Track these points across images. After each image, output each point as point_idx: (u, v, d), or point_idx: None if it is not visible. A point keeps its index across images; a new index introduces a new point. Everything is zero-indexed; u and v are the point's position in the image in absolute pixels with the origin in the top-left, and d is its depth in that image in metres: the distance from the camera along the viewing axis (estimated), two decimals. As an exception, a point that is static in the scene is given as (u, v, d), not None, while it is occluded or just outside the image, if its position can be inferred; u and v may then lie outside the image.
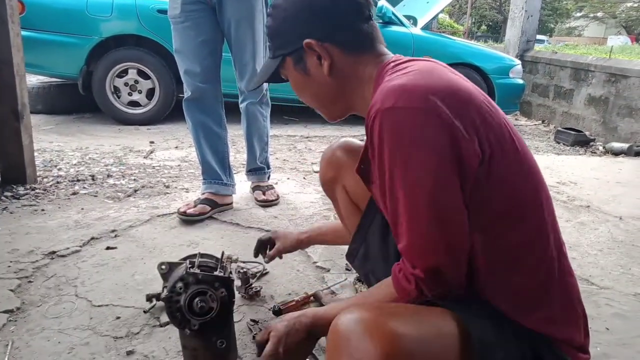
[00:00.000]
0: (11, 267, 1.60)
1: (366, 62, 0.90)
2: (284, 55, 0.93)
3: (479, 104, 0.77)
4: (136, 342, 1.27)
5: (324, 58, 0.88)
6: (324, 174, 1.27)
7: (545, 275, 0.80)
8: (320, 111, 1.01)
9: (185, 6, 1.98)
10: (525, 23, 6.24)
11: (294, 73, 0.94)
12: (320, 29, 0.88)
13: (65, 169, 2.74)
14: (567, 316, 0.82)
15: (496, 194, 0.77)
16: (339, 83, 0.91)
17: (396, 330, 0.66)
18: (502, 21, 26.41)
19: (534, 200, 0.81)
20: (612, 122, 4.65)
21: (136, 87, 4.10)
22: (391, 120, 0.73)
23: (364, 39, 0.90)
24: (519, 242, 0.79)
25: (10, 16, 2.22)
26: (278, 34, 0.93)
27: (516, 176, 0.79)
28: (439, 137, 0.71)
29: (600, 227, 2.33)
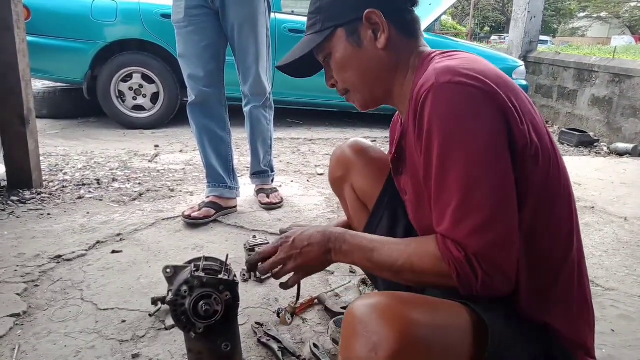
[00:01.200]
0: (18, 271, 1.62)
1: (412, 49, 0.90)
2: (336, 26, 0.89)
3: (525, 97, 0.78)
4: (142, 345, 1.28)
5: (382, 31, 0.86)
6: (333, 172, 1.27)
7: (569, 275, 0.80)
8: (359, 93, 0.95)
9: (189, 11, 1.99)
10: (528, 24, 6.23)
11: (345, 45, 0.89)
12: (382, 2, 0.87)
13: (71, 173, 2.76)
14: (583, 319, 0.82)
15: (537, 187, 0.76)
16: (390, 60, 0.89)
17: (412, 317, 0.66)
18: (505, 22, 26.38)
19: (566, 196, 0.80)
20: (617, 122, 4.63)
21: (141, 92, 4.12)
22: (448, 94, 0.71)
23: (415, 26, 0.91)
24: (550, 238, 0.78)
25: (16, 22, 2.24)
26: (333, 5, 0.89)
27: (554, 172, 0.78)
28: (496, 116, 0.71)
29: (605, 228, 2.33)
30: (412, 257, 0.79)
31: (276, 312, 1.43)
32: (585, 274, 0.84)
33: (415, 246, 0.80)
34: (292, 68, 0.98)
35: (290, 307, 1.42)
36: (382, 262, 0.83)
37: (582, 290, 0.83)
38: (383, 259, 0.82)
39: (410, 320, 0.66)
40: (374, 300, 0.69)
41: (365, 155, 1.19)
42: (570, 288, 0.80)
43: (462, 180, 0.71)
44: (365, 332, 0.65)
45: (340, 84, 0.95)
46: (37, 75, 4.00)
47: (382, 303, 0.68)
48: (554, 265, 0.79)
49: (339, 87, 0.96)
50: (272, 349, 1.26)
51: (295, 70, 0.99)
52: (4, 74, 2.28)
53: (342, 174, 1.24)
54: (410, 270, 0.79)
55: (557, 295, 0.80)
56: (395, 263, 0.81)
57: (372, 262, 0.84)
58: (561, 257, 0.79)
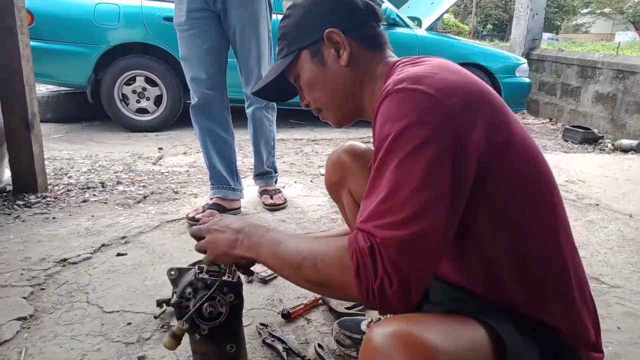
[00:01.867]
0: (24, 274, 1.63)
1: (378, 60, 0.92)
2: (300, 48, 0.92)
3: (490, 101, 0.76)
4: (147, 347, 1.28)
5: (343, 48, 0.89)
6: (330, 177, 1.27)
7: (562, 273, 0.80)
8: (330, 111, 0.98)
9: (191, 14, 2.00)
10: (530, 21, 6.21)
11: (310, 66, 0.92)
12: (341, 21, 0.90)
13: (76, 177, 2.78)
14: (582, 315, 0.82)
15: (504, 193, 0.75)
16: (355, 75, 0.91)
17: (434, 345, 0.63)
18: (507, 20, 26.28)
19: (544, 195, 0.80)
20: (621, 119, 4.61)
21: (144, 95, 4.14)
22: (400, 97, 0.71)
23: (379, 39, 0.93)
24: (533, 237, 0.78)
25: (20, 27, 2.25)
26: (295, 30, 0.93)
27: (524, 174, 0.77)
28: (442, 122, 0.69)
29: (609, 225, 2.32)
30: (320, 249, 0.75)
31: (280, 313, 1.43)
32: (580, 268, 0.84)
33: (327, 240, 0.76)
34: (269, 93, 1.04)
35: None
36: (285, 256, 0.78)
37: (579, 285, 0.82)
38: (287, 252, 0.78)
39: (433, 348, 0.63)
40: (393, 328, 0.65)
41: (361, 158, 1.19)
42: (564, 284, 0.80)
43: (391, 179, 0.69)
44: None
45: (313, 104, 0.98)
46: (41, 80, 4.02)
47: (401, 332, 0.64)
48: (542, 262, 0.79)
49: (312, 106, 0.99)
50: (277, 350, 1.26)
51: (274, 94, 1.04)
52: (8, 79, 2.29)
53: (338, 179, 1.24)
54: (312, 264, 0.74)
55: (551, 293, 0.79)
56: (299, 256, 0.76)
57: (275, 256, 0.80)
58: (549, 253, 0.79)
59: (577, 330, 0.81)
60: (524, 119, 5.97)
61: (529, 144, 0.80)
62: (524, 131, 0.81)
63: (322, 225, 2.17)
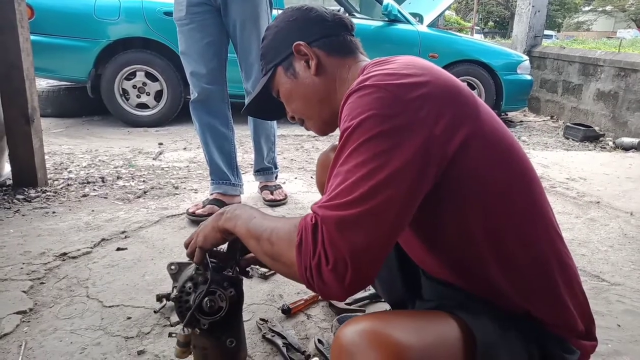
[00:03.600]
0: (23, 268, 1.63)
1: (349, 65, 0.95)
2: (275, 65, 0.98)
3: (455, 95, 0.75)
4: (147, 342, 1.28)
5: (311, 58, 0.94)
6: (319, 178, 1.28)
7: (545, 266, 0.80)
8: (310, 120, 1.01)
9: (191, 8, 1.99)
10: (532, 18, 6.20)
11: (284, 80, 0.98)
12: (309, 34, 0.95)
13: (76, 172, 2.77)
14: (569, 305, 0.82)
15: (473, 184, 0.75)
16: (326, 82, 0.95)
17: (401, 342, 0.65)
18: (509, 17, 26.23)
19: (518, 184, 0.80)
20: (622, 116, 4.60)
21: (144, 90, 4.13)
22: (361, 94, 0.73)
23: (348, 45, 0.97)
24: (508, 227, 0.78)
25: (20, 21, 2.24)
26: (270, 49, 1.00)
27: (496, 166, 0.77)
28: (402, 116, 0.69)
29: (610, 223, 2.31)
30: (277, 225, 0.78)
31: (281, 308, 1.43)
32: (566, 257, 0.83)
33: (288, 219, 0.79)
34: (264, 113, 1.11)
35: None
36: (253, 229, 0.81)
37: (564, 274, 0.82)
38: (255, 225, 0.81)
39: (400, 345, 0.65)
40: (361, 326, 0.67)
41: None
42: (546, 273, 0.80)
43: (345, 166, 0.70)
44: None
45: (295, 115, 1.02)
46: (41, 74, 4.02)
47: (369, 329, 0.66)
48: (520, 252, 0.78)
49: (296, 118, 1.03)
50: (277, 345, 1.26)
51: (269, 114, 1.11)
52: (8, 74, 2.29)
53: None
54: (268, 237, 0.77)
55: (533, 283, 0.79)
56: (261, 228, 0.80)
57: (246, 228, 0.83)
58: (526, 242, 0.79)
59: (565, 319, 0.81)
60: (525, 117, 5.96)
61: (500, 135, 0.79)
62: (495, 122, 0.80)
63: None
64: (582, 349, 0.82)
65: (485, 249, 0.78)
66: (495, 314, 0.78)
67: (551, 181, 2.97)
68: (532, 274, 0.79)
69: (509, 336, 0.76)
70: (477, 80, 4.70)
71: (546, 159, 3.58)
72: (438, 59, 4.52)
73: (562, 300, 0.81)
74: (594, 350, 0.85)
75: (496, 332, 0.74)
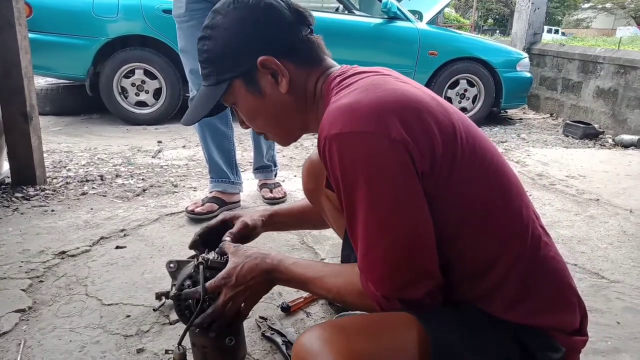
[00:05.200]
0: (22, 267, 1.62)
1: (316, 77, 0.88)
2: (231, 78, 0.86)
3: (429, 109, 0.75)
4: (146, 340, 1.28)
5: (282, 75, 0.84)
6: (307, 184, 1.25)
7: (522, 268, 0.79)
8: (276, 136, 0.96)
9: (190, 5, 1.98)
10: (532, 15, 6.19)
11: (247, 96, 0.87)
12: (273, 43, 0.84)
13: (75, 170, 2.77)
14: (555, 304, 0.81)
15: (456, 203, 0.76)
16: (296, 99, 0.87)
17: (355, 348, 0.69)
18: (508, 14, 26.20)
19: (498, 199, 0.79)
20: (622, 114, 4.60)
21: (143, 87, 4.12)
22: (340, 148, 0.71)
23: (315, 52, 0.88)
24: (488, 243, 0.78)
25: (17, 19, 2.24)
26: (222, 56, 0.86)
27: (473, 183, 0.77)
28: (390, 158, 0.70)
29: (610, 220, 2.31)
30: (342, 291, 0.83)
31: (280, 307, 1.43)
32: (551, 257, 0.82)
33: (344, 279, 0.84)
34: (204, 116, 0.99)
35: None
36: (318, 293, 0.90)
37: (548, 274, 0.81)
38: (318, 291, 0.89)
39: (352, 350, 0.68)
40: (318, 333, 0.71)
41: None
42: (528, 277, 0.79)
43: (365, 229, 0.74)
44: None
45: (256, 130, 0.95)
46: (40, 72, 4.00)
47: (324, 337, 0.70)
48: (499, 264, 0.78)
49: (254, 130, 0.96)
50: (276, 343, 1.26)
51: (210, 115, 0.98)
52: (7, 72, 2.28)
53: (315, 185, 1.21)
54: (342, 301, 0.87)
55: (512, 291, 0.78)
56: (329, 294, 0.87)
57: (309, 291, 0.92)
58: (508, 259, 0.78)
59: (553, 320, 0.80)
60: (524, 114, 5.96)
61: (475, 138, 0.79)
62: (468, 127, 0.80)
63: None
64: (572, 345, 0.81)
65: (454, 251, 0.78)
66: (466, 317, 0.78)
67: (550, 179, 2.97)
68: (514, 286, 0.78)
69: (479, 340, 0.76)
70: (476, 78, 4.69)
71: (546, 157, 3.58)
72: (437, 57, 4.51)
73: (547, 305, 0.80)
74: (584, 345, 0.85)
75: (460, 336, 0.75)
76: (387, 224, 0.73)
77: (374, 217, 0.73)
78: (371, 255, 0.75)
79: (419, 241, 0.74)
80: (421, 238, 0.74)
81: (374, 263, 0.75)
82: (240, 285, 0.91)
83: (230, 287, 0.91)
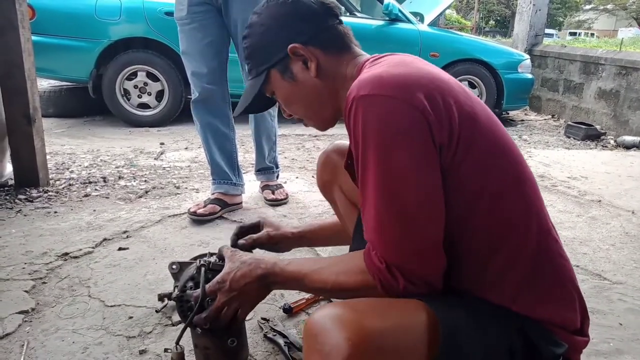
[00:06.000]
0: (25, 268, 1.63)
1: (347, 62, 0.94)
2: (268, 68, 0.95)
3: (452, 91, 0.78)
4: (149, 341, 1.28)
5: (310, 60, 0.91)
6: (320, 177, 1.29)
7: (529, 257, 0.80)
8: (311, 120, 1.02)
9: (192, 8, 1.99)
10: (533, 17, 6.19)
11: (282, 84, 0.95)
12: (301, 33, 0.91)
13: (77, 172, 2.78)
14: (557, 298, 0.82)
15: (468, 182, 0.77)
16: (327, 83, 0.93)
17: (363, 324, 0.69)
18: (510, 16, 26.19)
19: (511, 184, 0.81)
20: (624, 115, 4.59)
21: (145, 90, 4.13)
22: (366, 107, 0.74)
23: (342, 39, 0.95)
24: (497, 227, 0.79)
25: (21, 21, 2.25)
26: (259, 50, 0.95)
27: (490, 162, 0.79)
28: (412, 125, 0.73)
29: (612, 221, 2.31)
30: (340, 277, 0.83)
31: (282, 307, 1.43)
32: (557, 253, 0.84)
33: (343, 264, 0.85)
34: (254, 110, 1.09)
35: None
36: (315, 287, 0.88)
37: (554, 268, 0.82)
38: (314, 285, 0.87)
39: (361, 326, 0.69)
40: (327, 311, 0.71)
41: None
42: (535, 267, 0.80)
43: (377, 192, 0.75)
44: (320, 343, 0.68)
45: (295, 115, 1.01)
46: (43, 75, 4.02)
47: (334, 314, 0.70)
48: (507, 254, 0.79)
49: (294, 117, 1.02)
50: (279, 344, 1.26)
51: (257, 108, 1.08)
52: (10, 74, 2.29)
53: (329, 177, 1.26)
54: (340, 289, 0.84)
55: (517, 279, 0.80)
56: (326, 285, 0.85)
57: (306, 287, 0.90)
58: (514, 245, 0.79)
59: (556, 314, 0.81)
60: (526, 115, 5.96)
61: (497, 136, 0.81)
62: (492, 123, 0.82)
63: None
64: (572, 344, 0.82)
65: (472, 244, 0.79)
66: (471, 303, 0.79)
67: (552, 180, 2.97)
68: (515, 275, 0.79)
69: (483, 324, 0.76)
70: (478, 79, 4.69)
71: (547, 158, 3.57)
72: (439, 58, 4.51)
73: (551, 299, 0.81)
74: (585, 346, 0.85)
75: (467, 320, 0.76)
76: (398, 187, 0.74)
77: (386, 179, 0.74)
78: (379, 217, 0.76)
79: (428, 209, 0.75)
80: (431, 206, 0.75)
81: (381, 225, 0.76)
82: (234, 290, 0.92)
83: (224, 293, 0.92)
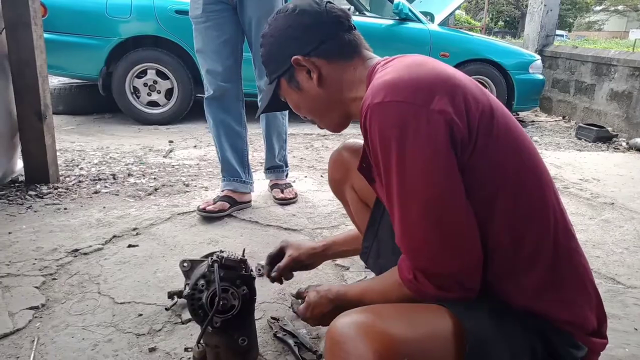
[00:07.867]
0: (36, 264, 1.63)
1: (355, 66, 0.95)
2: (278, 77, 0.99)
3: (467, 89, 0.78)
4: (158, 339, 1.28)
5: (312, 71, 0.94)
6: (332, 175, 1.30)
7: (550, 253, 0.79)
8: (320, 124, 1.05)
9: (207, 6, 1.99)
10: (544, 17, 6.14)
11: (289, 91, 1.00)
12: (304, 44, 0.93)
13: (87, 169, 2.79)
14: (577, 296, 0.81)
15: (487, 178, 0.77)
16: (330, 92, 0.95)
17: (389, 332, 0.68)
18: (519, 17, 26.02)
19: (530, 180, 0.80)
20: (636, 117, 4.54)
21: (155, 88, 4.14)
22: (382, 115, 0.75)
23: (348, 47, 0.95)
24: (518, 223, 0.78)
25: (34, 19, 2.26)
26: (270, 60, 1.00)
27: (507, 158, 0.79)
28: (428, 128, 0.72)
29: (625, 224, 2.28)
30: (387, 295, 0.87)
31: (291, 307, 1.42)
32: (575, 254, 0.83)
33: (383, 282, 0.90)
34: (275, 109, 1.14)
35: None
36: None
37: (574, 266, 0.82)
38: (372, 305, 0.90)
39: (389, 336, 0.68)
40: (353, 318, 0.71)
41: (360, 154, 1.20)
42: (556, 264, 0.79)
43: (399, 197, 0.76)
44: (344, 351, 0.67)
45: (306, 118, 1.05)
46: (54, 72, 4.04)
47: (361, 321, 0.70)
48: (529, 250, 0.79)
49: (307, 117, 1.05)
50: (288, 344, 1.25)
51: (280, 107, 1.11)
52: (22, 71, 2.30)
53: (341, 176, 1.27)
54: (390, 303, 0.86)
55: (539, 280, 0.79)
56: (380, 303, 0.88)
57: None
58: (535, 240, 0.79)
59: (574, 316, 0.80)
60: (536, 116, 5.91)
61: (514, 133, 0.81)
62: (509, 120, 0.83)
63: (333, 220, 2.15)
64: (591, 346, 0.82)
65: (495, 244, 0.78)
66: (494, 308, 0.78)
67: (564, 182, 2.94)
68: (537, 271, 0.79)
69: (507, 330, 0.76)
70: (488, 80, 4.65)
71: (559, 160, 3.54)
72: (449, 58, 4.49)
73: (573, 298, 0.81)
74: (604, 348, 0.85)
75: (491, 326, 0.75)
76: (418, 190, 0.74)
77: (407, 184, 0.74)
78: (404, 222, 0.77)
79: (450, 211, 0.75)
80: (451, 208, 0.75)
81: (407, 230, 0.77)
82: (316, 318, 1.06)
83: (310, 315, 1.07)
